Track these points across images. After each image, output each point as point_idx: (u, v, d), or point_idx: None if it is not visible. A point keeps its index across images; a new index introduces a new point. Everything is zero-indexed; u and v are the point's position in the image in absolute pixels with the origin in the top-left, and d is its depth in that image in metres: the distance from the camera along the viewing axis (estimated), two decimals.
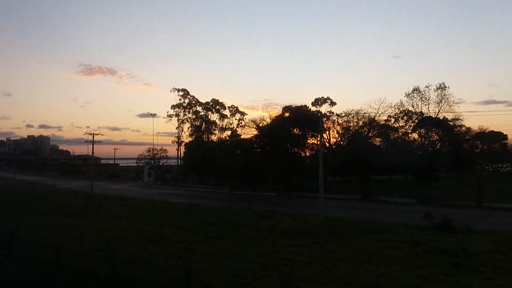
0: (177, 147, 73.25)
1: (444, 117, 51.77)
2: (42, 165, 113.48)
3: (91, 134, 48.11)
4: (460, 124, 49.86)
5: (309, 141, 44.94)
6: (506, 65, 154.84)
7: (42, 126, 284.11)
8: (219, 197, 39.84)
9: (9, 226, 16.08)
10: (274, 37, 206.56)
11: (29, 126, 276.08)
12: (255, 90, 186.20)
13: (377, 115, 48.96)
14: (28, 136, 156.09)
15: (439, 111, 53.45)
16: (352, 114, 48.10)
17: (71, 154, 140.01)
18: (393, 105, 52.60)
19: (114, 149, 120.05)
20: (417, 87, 54.36)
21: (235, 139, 52.69)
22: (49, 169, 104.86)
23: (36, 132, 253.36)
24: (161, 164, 64.54)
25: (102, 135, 72.89)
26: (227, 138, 58.55)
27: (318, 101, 67.74)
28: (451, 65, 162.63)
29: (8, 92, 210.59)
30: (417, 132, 51.77)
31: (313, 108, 62.71)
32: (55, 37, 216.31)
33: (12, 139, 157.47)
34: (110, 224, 20.29)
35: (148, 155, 63.71)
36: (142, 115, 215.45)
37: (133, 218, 22.54)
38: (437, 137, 49.46)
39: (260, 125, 48.70)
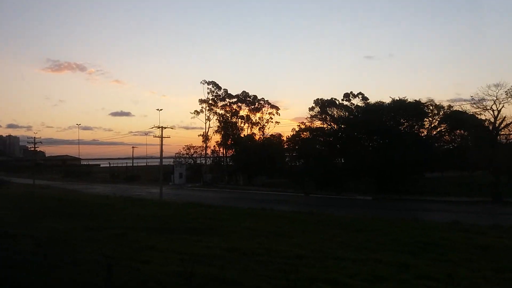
0: (204, 145, 65.70)
1: None
2: (26, 167, 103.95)
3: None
4: None
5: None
6: (472, 64, 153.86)
7: (10, 126, 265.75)
8: (312, 203, 32.44)
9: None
10: (248, 36, 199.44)
11: None
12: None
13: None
14: None
15: None
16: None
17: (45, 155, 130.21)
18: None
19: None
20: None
21: (299, 134, 45.15)
22: (24, 171, 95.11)
23: (3, 132, 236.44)
24: (198, 163, 56.68)
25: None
26: (275, 134, 51.25)
27: (348, 96, 62.31)
28: (422, 65, 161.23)
29: None
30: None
31: (344, 103, 57.77)
32: (20, 30, 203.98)
33: None
34: (292, 248, 13.08)
35: (185, 154, 55.64)
36: (115, 114, 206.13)
37: (298, 238, 15.33)
38: None
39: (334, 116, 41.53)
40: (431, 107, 40.65)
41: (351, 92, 59.19)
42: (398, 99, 38.39)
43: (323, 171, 37.12)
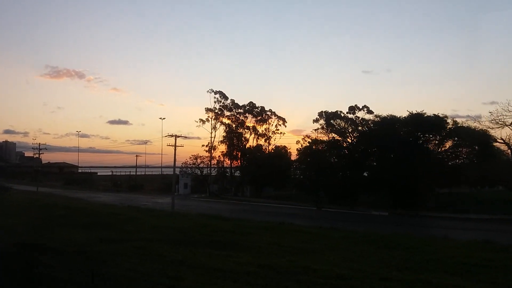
0: (209, 155, 64.69)
1: None
2: (23, 173, 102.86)
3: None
4: None
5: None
6: (468, 80, 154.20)
7: (7, 132, 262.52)
8: (327, 217, 31.39)
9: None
10: (245, 48, 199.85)
11: None
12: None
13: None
14: None
15: None
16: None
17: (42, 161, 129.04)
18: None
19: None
20: None
21: (312, 146, 44.37)
22: (23, 177, 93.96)
23: (0, 138, 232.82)
24: (203, 173, 55.66)
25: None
26: (280, 146, 50.49)
27: (353, 109, 61.91)
28: (419, 80, 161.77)
29: None
30: None
31: (349, 116, 57.44)
32: (20, 36, 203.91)
33: None
34: (329, 267, 12.20)
35: (192, 164, 54.66)
36: (112, 122, 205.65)
37: (330, 255, 14.43)
38: None
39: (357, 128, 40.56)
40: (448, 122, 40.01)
41: (356, 105, 58.87)
42: (416, 112, 37.86)
43: (337, 185, 36.26)
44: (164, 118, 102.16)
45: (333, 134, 51.13)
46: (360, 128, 45.08)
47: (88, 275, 8.76)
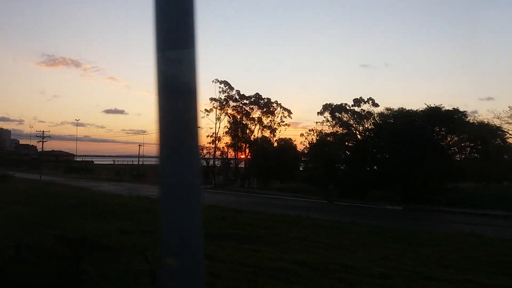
0: (213, 145, 63.81)
1: None
2: (19, 161, 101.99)
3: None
4: None
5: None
6: (466, 76, 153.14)
7: (1, 119, 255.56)
8: (340, 211, 30.59)
9: None
10: (243, 38, 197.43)
11: None
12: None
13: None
14: None
15: None
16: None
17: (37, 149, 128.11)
18: None
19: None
20: None
21: (325, 137, 43.57)
22: (21, 165, 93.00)
23: None
24: (208, 165, 54.92)
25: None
26: (286, 138, 49.71)
27: (358, 102, 61.07)
28: (417, 75, 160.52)
29: None
30: None
31: (354, 108, 56.67)
32: (16, 24, 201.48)
33: None
34: (368, 265, 11.46)
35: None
36: (108, 111, 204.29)
37: (362, 252, 13.72)
38: None
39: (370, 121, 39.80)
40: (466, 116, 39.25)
41: (361, 97, 57.94)
42: (433, 105, 37.09)
43: (347, 178, 35.58)
44: None
45: (338, 128, 50.42)
46: (370, 121, 44.31)
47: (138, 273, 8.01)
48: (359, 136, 42.00)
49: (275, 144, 51.73)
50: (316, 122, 55.22)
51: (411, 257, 13.15)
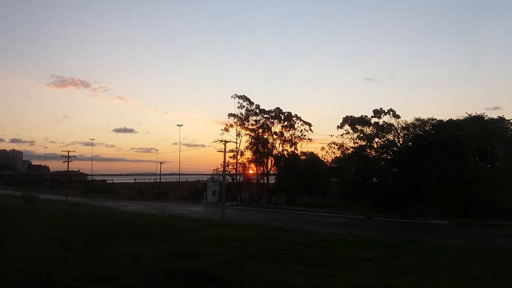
0: (235, 161, 62.64)
1: None
2: (34, 182, 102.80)
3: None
4: None
5: None
6: (471, 86, 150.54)
7: (13, 140, 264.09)
8: (383, 227, 29.17)
9: None
10: (250, 51, 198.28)
11: None
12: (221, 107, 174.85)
13: None
14: None
15: None
16: None
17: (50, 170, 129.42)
18: None
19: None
20: None
21: (363, 150, 41.93)
22: (37, 186, 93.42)
23: (7, 146, 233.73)
24: (235, 181, 53.75)
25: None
26: (307, 152, 48.11)
27: (378, 113, 59.62)
28: (422, 86, 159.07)
29: None
30: None
31: (374, 120, 55.20)
32: (25, 45, 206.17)
33: None
34: None
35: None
36: (118, 130, 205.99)
37: (447, 274, 12.37)
38: None
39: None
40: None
41: (381, 108, 56.51)
42: (476, 115, 35.47)
43: (386, 192, 33.98)
44: (181, 125, 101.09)
45: (358, 140, 48.97)
46: (394, 132, 42.80)
47: None
48: (395, 148, 40.42)
49: (307, 158, 50.50)
50: (336, 135, 54.14)
51: (504, 279, 11.77)
